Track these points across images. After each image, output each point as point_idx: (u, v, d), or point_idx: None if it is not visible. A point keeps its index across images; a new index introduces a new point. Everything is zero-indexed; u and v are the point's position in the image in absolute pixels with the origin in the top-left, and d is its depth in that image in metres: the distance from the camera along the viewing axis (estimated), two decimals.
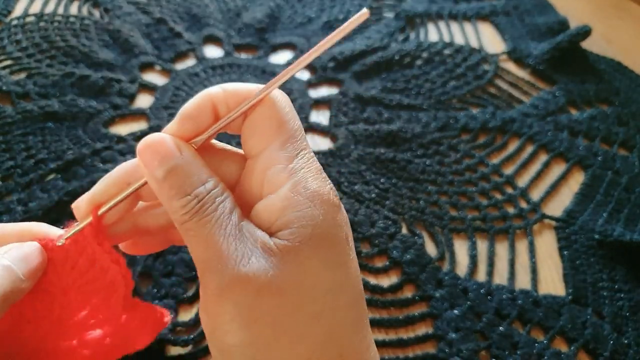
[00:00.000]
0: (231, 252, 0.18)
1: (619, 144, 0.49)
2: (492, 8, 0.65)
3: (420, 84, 0.53)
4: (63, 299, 0.22)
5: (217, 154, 0.22)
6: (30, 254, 0.20)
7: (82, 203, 0.21)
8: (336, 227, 0.20)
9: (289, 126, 0.21)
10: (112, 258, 0.21)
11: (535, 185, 0.44)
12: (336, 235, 0.20)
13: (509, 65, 0.57)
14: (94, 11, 0.58)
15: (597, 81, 0.55)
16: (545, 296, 0.36)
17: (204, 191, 0.19)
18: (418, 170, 0.43)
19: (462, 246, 0.39)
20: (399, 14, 0.62)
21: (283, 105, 0.21)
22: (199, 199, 0.19)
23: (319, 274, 0.19)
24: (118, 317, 0.23)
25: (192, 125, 0.20)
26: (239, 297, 0.18)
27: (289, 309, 0.19)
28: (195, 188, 0.19)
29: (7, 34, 0.52)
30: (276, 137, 0.20)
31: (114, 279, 0.22)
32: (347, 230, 0.21)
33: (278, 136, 0.20)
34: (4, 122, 0.43)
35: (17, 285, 0.19)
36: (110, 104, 0.46)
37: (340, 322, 0.20)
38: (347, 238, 0.21)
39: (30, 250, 0.20)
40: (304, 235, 0.19)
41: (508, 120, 0.49)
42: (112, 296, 0.22)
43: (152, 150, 0.20)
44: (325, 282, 0.19)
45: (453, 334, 0.33)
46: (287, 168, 0.20)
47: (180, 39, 0.55)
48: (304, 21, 0.60)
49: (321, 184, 0.20)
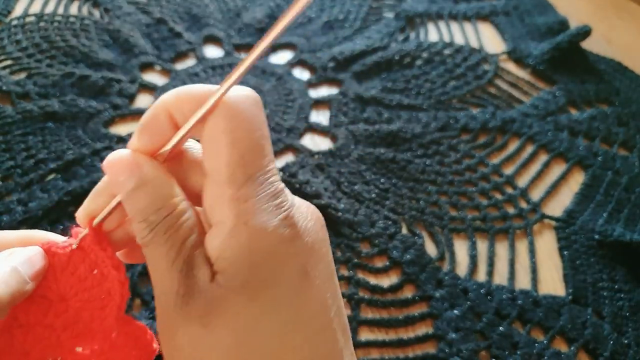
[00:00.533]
0: (174, 290, 0.18)
1: (619, 144, 0.49)
2: (492, 8, 0.65)
3: (420, 84, 0.53)
4: (59, 306, 0.21)
5: (188, 164, 0.20)
6: (34, 256, 0.20)
7: (80, 214, 0.21)
8: (283, 263, 0.18)
9: (246, 141, 0.18)
10: (112, 263, 0.21)
11: (535, 186, 0.44)
12: (284, 272, 0.18)
13: (509, 65, 0.57)
14: (94, 11, 0.58)
15: (597, 81, 0.55)
16: (545, 296, 0.36)
17: (158, 218, 0.18)
18: (418, 170, 0.43)
19: (462, 246, 0.39)
20: (399, 14, 0.62)
21: (242, 113, 0.18)
22: (151, 227, 0.18)
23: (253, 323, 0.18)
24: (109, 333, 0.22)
25: (151, 137, 0.19)
26: (178, 337, 0.18)
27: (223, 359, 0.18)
28: (152, 211, 0.18)
29: (7, 34, 0.52)
30: (227, 154, 0.18)
31: (111, 287, 0.21)
32: (303, 261, 0.18)
33: (230, 153, 0.18)
34: (4, 122, 0.43)
35: (22, 287, 0.19)
36: (110, 104, 0.46)
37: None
38: (303, 270, 0.18)
39: (34, 253, 0.20)
40: (239, 281, 0.17)
41: (508, 120, 0.49)
42: (108, 305, 0.22)
43: (114, 169, 0.19)
44: (263, 330, 0.18)
45: (453, 334, 0.33)
46: (233, 197, 0.17)
47: (180, 39, 0.55)
48: (303, 21, 0.60)
49: (269, 215, 0.18)
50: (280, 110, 0.48)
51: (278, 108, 0.48)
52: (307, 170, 0.42)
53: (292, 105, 0.49)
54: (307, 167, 0.42)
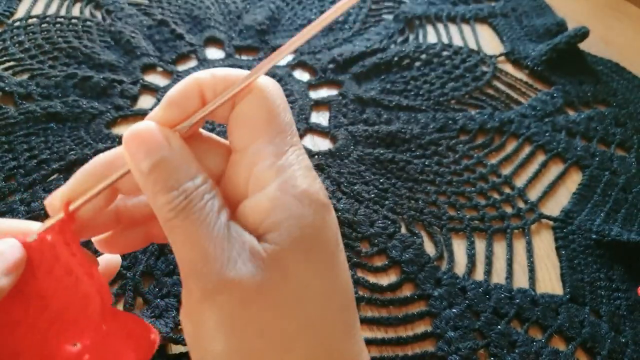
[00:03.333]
0: (218, 255, 0.17)
1: (617, 144, 0.49)
2: (491, 10, 0.66)
3: (419, 85, 0.53)
4: (39, 303, 0.20)
5: (203, 144, 0.21)
6: (5, 249, 0.19)
7: (56, 198, 0.20)
8: (326, 228, 0.19)
9: (279, 119, 0.19)
10: (84, 270, 0.20)
11: (533, 186, 0.44)
12: (326, 237, 0.19)
13: (507, 66, 0.57)
14: (96, 13, 0.58)
15: (595, 82, 0.56)
16: (543, 295, 0.36)
17: (192, 187, 0.18)
18: (417, 171, 0.44)
19: (460, 246, 0.39)
20: (397, 16, 0.63)
21: (274, 96, 0.19)
22: (186, 195, 0.17)
23: (308, 280, 0.18)
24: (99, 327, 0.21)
25: (178, 111, 0.19)
26: (225, 304, 0.17)
27: (277, 317, 0.18)
28: (183, 183, 0.18)
29: (10, 35, 0.52)
30: (264, 130, 0.19)
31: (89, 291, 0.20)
32: (336, 232, 0.20)
33: (266, 130, 0.19)
34: (7, 122, 0.43)
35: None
36: (112, 105, 0.47)
37: (330, 329, 0.19)
38: (337, 240, 0.20)
39: (6, 246, 0.19)
40: (293, 238, 0.18)
41: (506, 121, 0.49)
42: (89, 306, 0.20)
43: (139, 141, 0.18)
44: (315, 288, 0.18)
45: (452, 332, 0.33)
46: (275, 165, 0.18)
47: (181, 40, 0.55)
48: (304, 23, 0.61)
49: (311, 182, 0.19)
50: None
51: None
52: None
53: (292, 106, 0.49)
54: None
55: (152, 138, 0.18)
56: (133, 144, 0.18)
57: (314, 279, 0.18)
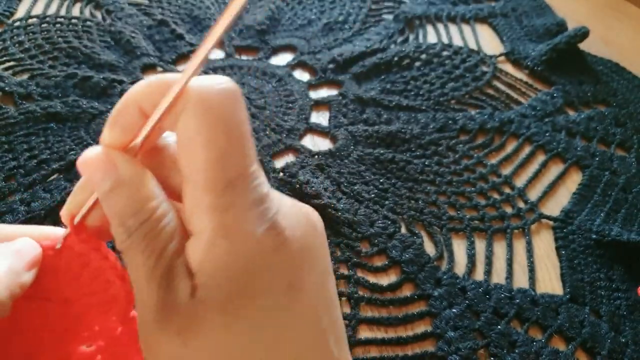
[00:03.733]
0: (153, 302, 0.16)
1: (617, 144, 0.49)
2: (491, 10, 0.66)
3: (419, 85, 0.53)
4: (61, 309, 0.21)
5: (167, 158, 0.19)
6: (23, 247, 0.19)
7: (63, 214, 0.20)
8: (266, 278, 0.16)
9: (221, 141, 0.16)
10: (116, 273, 0.20)
11: (533, 186, 0.44)
12: (266, 289, 0.16)
13: (507, 66, 0.57)
14: (96, 13, 0.58)
15: (595, 82, 0.56)
16: (543, 295, 0.36)
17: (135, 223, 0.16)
18: (417, 171, 0.44)
19: (460, 246, 0.39)
20: (398, 16, 0.63)
21: (215, 110, 0.16)
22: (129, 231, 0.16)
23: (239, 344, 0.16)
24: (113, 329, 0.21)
25: (121, 131, 0.17)
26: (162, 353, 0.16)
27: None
28: (129, 215, 0.16)
29: (10, 36, 0.52)
30: (201, 157, 0.16)
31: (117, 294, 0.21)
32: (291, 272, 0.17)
33: (204, 156, 0.16)
34: (7, 122, 0.43)
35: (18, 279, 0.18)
36: (112, 105, 0.47)
37: None
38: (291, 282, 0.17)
39: (23, 243, 0.19)
40: (219, 298, 0.16)
41: (506, 121, 0.49)
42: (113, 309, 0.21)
43: (88, 168, 0.17)
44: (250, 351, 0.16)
45: (452, 332, 0.33)
46: (212, 206, 0.16)
47: (181, 40, 0.55)
48: (303, 23, 0.61)
49: (250, 226, 0.16)
50: (281, 112, 0.48)
51: (279, 109, 0.49)
52: (307, 170, 0.43)
53: (292, 106, 0.49)
54: (307, 168, 0.43)
55: (99, 165, 0.17)
56: (85, 170, 0.17)
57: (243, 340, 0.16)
